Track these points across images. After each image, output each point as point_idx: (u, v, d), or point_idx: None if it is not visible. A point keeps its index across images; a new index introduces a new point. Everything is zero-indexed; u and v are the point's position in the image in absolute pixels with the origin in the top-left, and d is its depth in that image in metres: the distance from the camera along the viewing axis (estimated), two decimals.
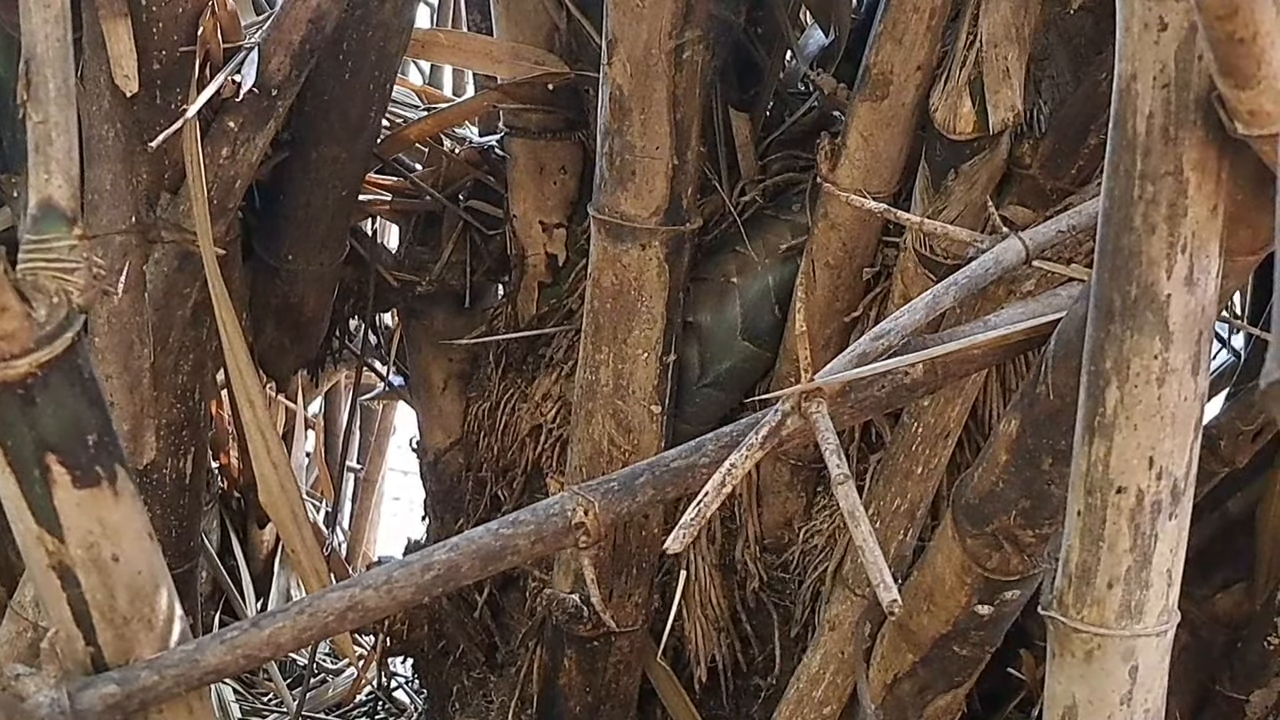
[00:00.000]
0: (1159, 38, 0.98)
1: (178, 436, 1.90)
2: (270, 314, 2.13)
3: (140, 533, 1.20)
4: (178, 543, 1.95)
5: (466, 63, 2.20)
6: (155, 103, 1.71)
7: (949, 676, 1.74)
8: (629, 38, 1.66)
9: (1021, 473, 1.36)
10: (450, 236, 2.18)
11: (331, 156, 1.94)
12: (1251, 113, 0.94)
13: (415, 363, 2.28)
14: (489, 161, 2.16)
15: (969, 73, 1.53)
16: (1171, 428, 1.07)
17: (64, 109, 1.13)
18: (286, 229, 2.03)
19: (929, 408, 1.70)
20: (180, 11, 1.67)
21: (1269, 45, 0.89)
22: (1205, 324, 1.06)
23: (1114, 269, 1.05)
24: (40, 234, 1.12)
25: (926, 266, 1.65)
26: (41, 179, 1.12)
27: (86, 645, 1.20)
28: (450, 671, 2.34)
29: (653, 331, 1.83)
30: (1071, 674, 1.17)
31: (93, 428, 1.14)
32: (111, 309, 1.76)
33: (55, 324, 1.10)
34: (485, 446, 2.18)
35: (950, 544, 1.55)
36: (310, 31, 1.72)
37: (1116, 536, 1.10)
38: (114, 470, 1.16)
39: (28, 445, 1.12)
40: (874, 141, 1.66)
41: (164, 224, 1.77)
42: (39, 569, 1.18)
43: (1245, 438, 1.82)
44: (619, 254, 1.79)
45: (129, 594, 1.19)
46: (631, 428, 1.87)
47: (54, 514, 1.15)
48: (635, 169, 1.73)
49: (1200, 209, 1.01)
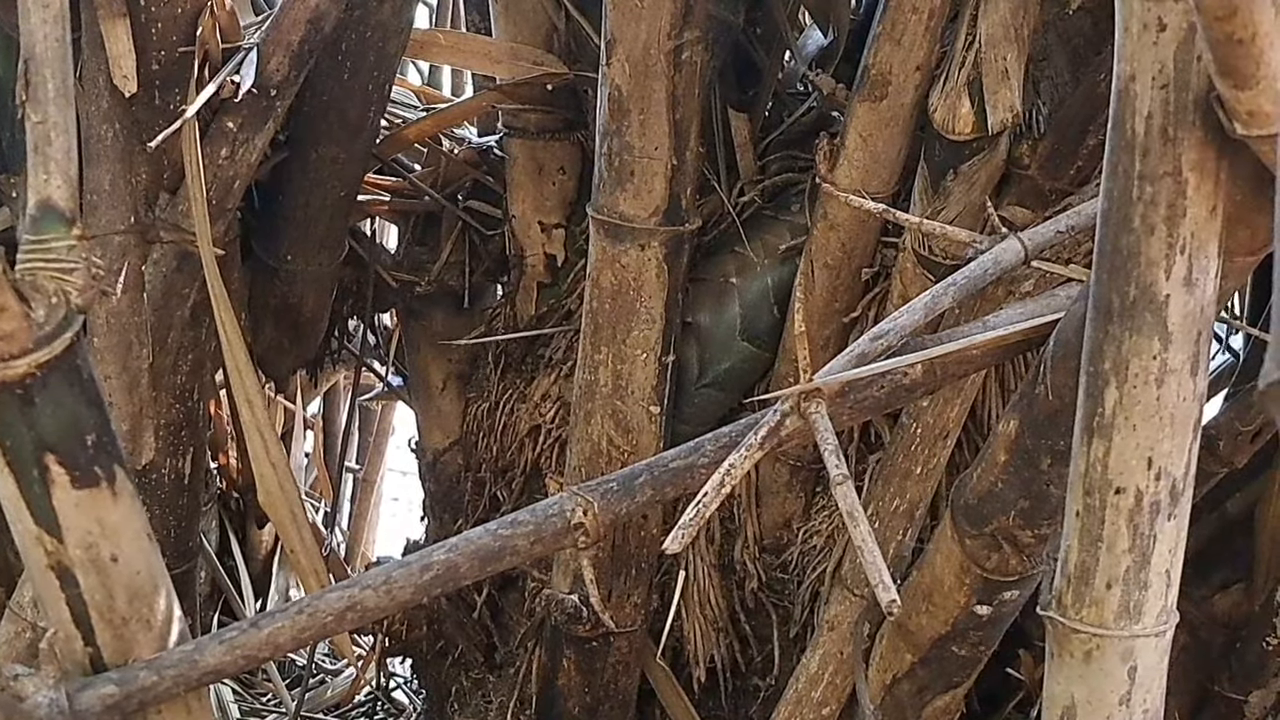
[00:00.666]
0: (1158, 38, 0.98)
1: (176, 437, 1.90)
2: (269, 314, 2.13)
3: (139, 533, 1.20)
4: (176, 543, 1.95)
5: (465, 63, 2.20)
6: (154, 103, 1.71)
7: (948, 677, 1.74)
8: (628, 38, 1.66)
9: (1020, 473, 1.37)
10: (449, 237, 2.18)
11: (330, 157, 1.94)
12: (1250, 113, 0.94)
13: (414, 363, 2.28)
14: (488, 162, 2.16)
15: (968, 73, 1.53)
16: (1170, 428, 1.07)
17: (63, 109, 1.13)
18: (285, 229, 2.03)
19: (928, 408, 1.70)
20: (179, 12, 1.67)
21: (1268, 46, 0.89)
22: (1204, 324, 1.06)
23: (1113, 269, 1.05)
24: (39, 234, 1.12)
25: (925, 267, 1.65)
26: (40, 179, 1.12)
27: (85, 646, 1.20)
28: (449, 672, 2.33)
29: (651, 332, 1.83)
30: (1070, 674, 1.17)
31: (91, 428, 1.14)
32: (110, 309, 1.76)
33: (54, 324, 1.10)
34: (484, 447, 2.18)
35: (949, 544, 1.55)
36: (309, 32, 1.72)
37: (1115, 537, 1.10)
38: (113, 470, 1.16)
39: (26, 445, 1.12)
40: (873, 142, 1.66)
41: (163, 224, 1.77)
42: (38, 569, 1.18)
43: (1244, 438, 1.82)
44: (618, 254, 1.79)
45: (128, 594, 1.19)
46: (630, 428, 1.87)
47: (53, 514, 1.14)
48: (634, 169, 1.73)
49: (1199, 210, 1.01)
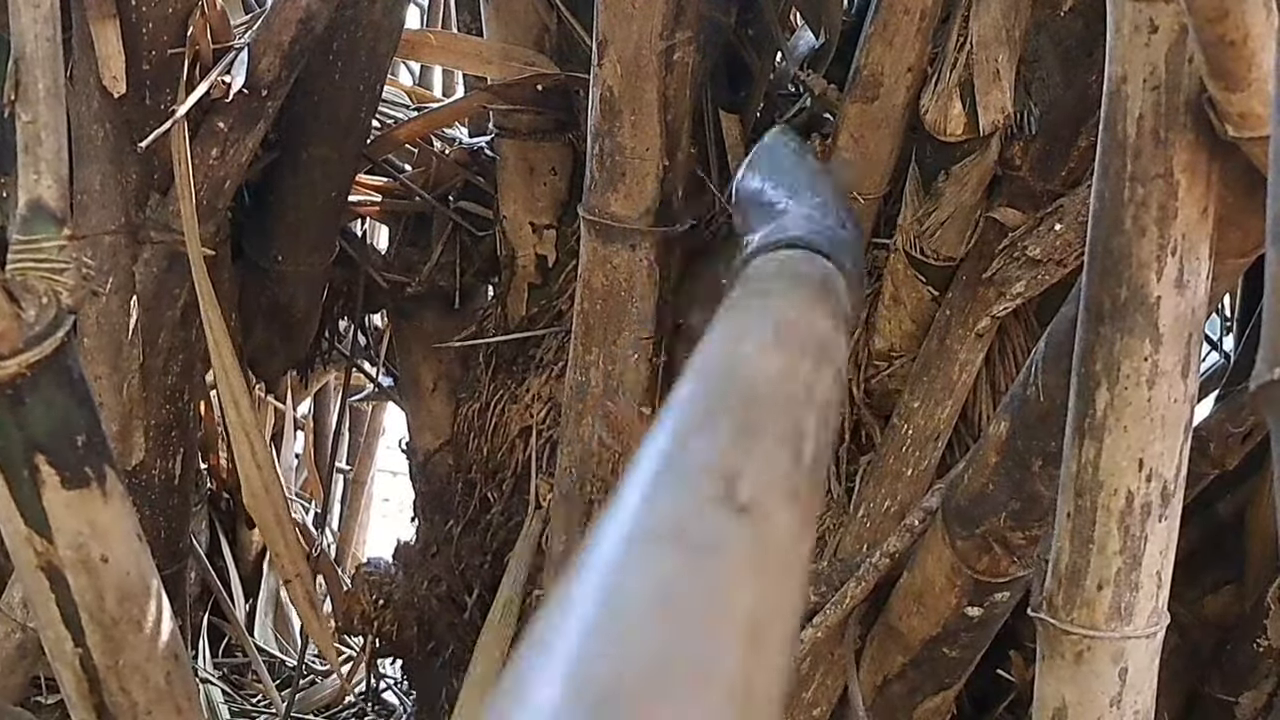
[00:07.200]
0: (1149, 40, 0.98)
1: (167, 437, 1.89)
2: (260, 315, 2.13)
3: (129, 534, 1.20)
4: (166, 544, 1.95)
5: (456, 64, 2.20)
6: (145, 103, 1.70)
7: (938, 678, 1.74)
8: (619, 39, 1.66)
9: (1011, 475, 1.37)
10: (440, 237, 2.18)
11: (321, 157, 1.94)
12: (1242, 115, 0.94)
13: (405, 364, 2.28)
14: (479, 162, 2.16)
15: (959, 74, 1.53)
16: (1161, 430, 1.07)
17: (53, 109, 1.13)
18: (276, 230, 2.03)
19: (919, 409, 1.71)
20: (169, 12, 1.67)
21: (1259, 48, 0.89)
22: (1195, 326, 1.06)
23: (1104, 271, 1.05)
24: (29, 234, 1.12)
25: (916, 268, 1.65)
26: (31, 179, 1.12)
27: (75, 646, 1.20)
28: (439, 673, 2.33)
29: (643, 333, 1.83)
30: (1061, 676, 1.17)
31: (82, 428, 1.14)
32: (100, 310, 1.76)
33: (44, 325, 1.10)
34: (475, 448, 2.18)
35: (940, 546, 1.55)
36: (300, 32, 1.72)
37: (1106, 538, 1.10)
38: (103, 471, 1.16)
39: (16, 446, 1.12)
40: (864, 143, 1.66)
41: (153, 224, 1.77)
42: (28, 570, 1.18)
43: (1235, 440, 1.82)
44: (609, 255, 1.79)
45: (118, 595, 1.19)
46: (621, 429, 1.87)
47: (43, 515, 1.14)
48: (625, 170, 1.73)
49: (1190, 211, 1.01)
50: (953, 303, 1.66)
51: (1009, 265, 1.58)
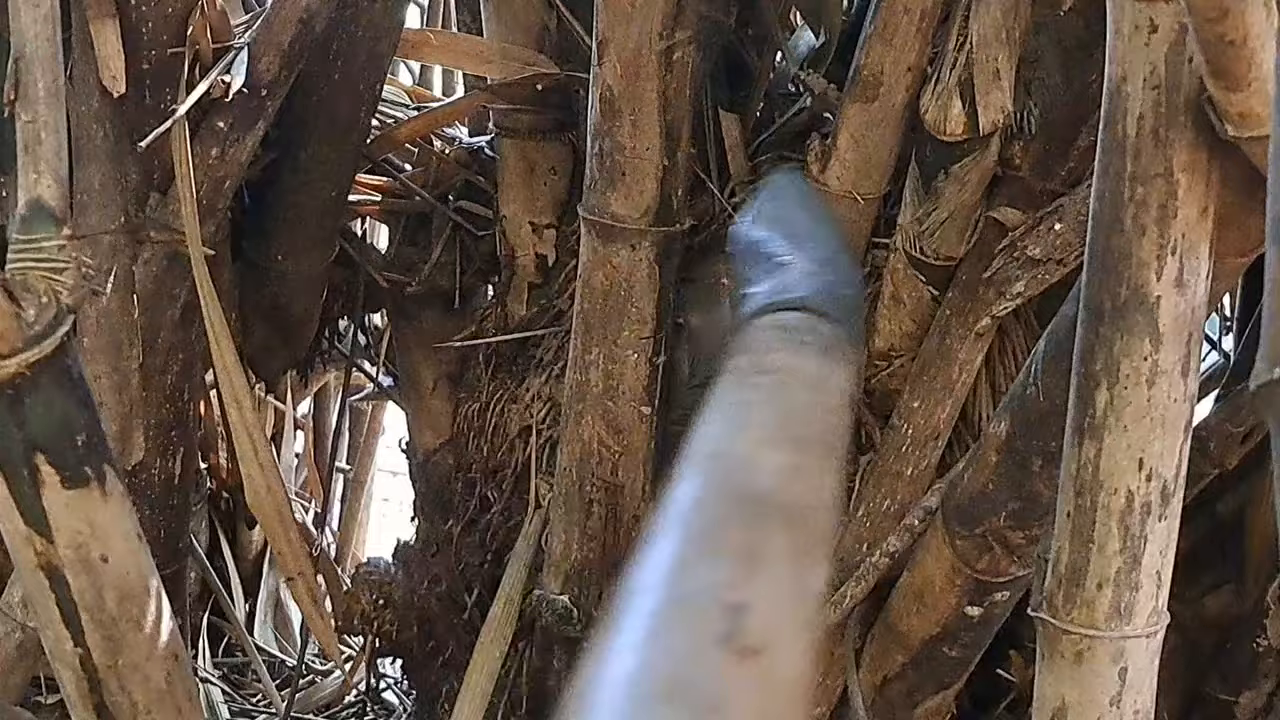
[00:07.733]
0: (1149, 40, 0.98)
1: (166, 437, 1.89)
2: (259, 314, 2.13)
3: (129, 533, 1.20)
4: (166, 543, 1.95)
5: (456, 63, 2.20)
6: (144, 103, 1.70)
7: (938, 678, 1.74)
8: (619, 38, 1.66)
9: (1011, 474, 1.37)
10: (440, 237, 2.18)
11: (321, 157, 1.94)
12: (1242, 115, 0.94)
13: (405, 363, 2.28)
14: (479, 162, 2.16)
15: (959, 74, 1.53)
16: (1161, 429, 1.07)
17: (53, 108, 1.13)
18: (276, 229, 2.02)
19: (919, 409, 1.71)
20: (169, 11, 1.67)
21: (1259, 48, 0.89)
22: (1195, 326, 1.06)
23: (1104, 270, 1.05)
24: (29, 234, 1.12)
25: (916, 267, 1.65)
26: (31, 179, 1.12)
27: (75, 646, 1.20)
28: (439, 673, 2.33)
29: (643, 332, 1.83)
30: (1061, 675, 1.17)
31: (81, 428, 1.14)
32: (100, 309, 1.76)
33: (44, 324, 1.10)
34: (475, 447, 2.17)
35: (940, 545, 1.55)
36: (300, 31, 1.72)
37: (1106, 538, 1.10)
38: (103, 471, 1.16)
39: (16, 445, 1.12)
40: (864, 143, 1.66)
41: (153, 224, 1.77)
42: (27, 569, 1.18)
43: (1235, 439, 1.82)
44: (609, 255, 1.79)
45: (117, 594, 1.19)
46: (621, 428, 1.87)
47: (42, 514, 1.14)
48: (625, 170, 1.73)
49: (1190, 211, 1.01)
50: (952, 302, 1.66)
51: (1009, 265, 1.58)
